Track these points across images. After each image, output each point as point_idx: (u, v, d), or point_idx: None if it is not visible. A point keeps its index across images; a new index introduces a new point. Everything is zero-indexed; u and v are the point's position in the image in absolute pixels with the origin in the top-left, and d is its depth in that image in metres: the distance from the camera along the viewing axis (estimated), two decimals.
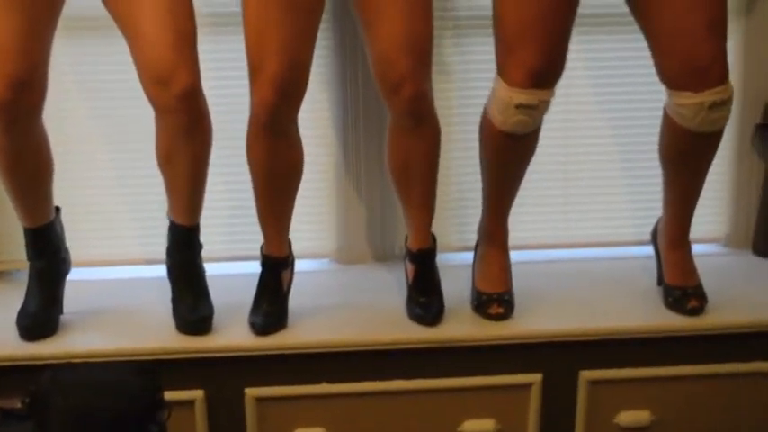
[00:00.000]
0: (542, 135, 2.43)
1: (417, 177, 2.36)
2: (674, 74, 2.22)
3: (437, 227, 2.49)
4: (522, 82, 2.21)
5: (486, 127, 2.34)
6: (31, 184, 2.31)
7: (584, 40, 2.60)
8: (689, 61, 2.17)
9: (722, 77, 2.19)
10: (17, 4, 2.11)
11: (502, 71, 2.26)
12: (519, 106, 2.22)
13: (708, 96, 2.17)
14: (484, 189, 2.45)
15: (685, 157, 2.33)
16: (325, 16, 2.47)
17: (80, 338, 2.33)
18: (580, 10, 2.27)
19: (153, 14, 2.15)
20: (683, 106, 2.21)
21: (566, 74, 2.47)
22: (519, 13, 2.20)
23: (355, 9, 2.27)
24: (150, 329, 2.37)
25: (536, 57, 2.19)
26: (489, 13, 2.27)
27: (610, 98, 2.70)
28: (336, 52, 2.61)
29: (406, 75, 2.20)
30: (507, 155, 2.36)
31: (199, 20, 2.25)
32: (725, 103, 2.20)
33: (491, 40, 2.29)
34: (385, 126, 2.37)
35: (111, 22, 2.22)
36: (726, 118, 2.25)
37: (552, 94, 2.27)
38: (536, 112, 2.25)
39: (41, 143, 2.28)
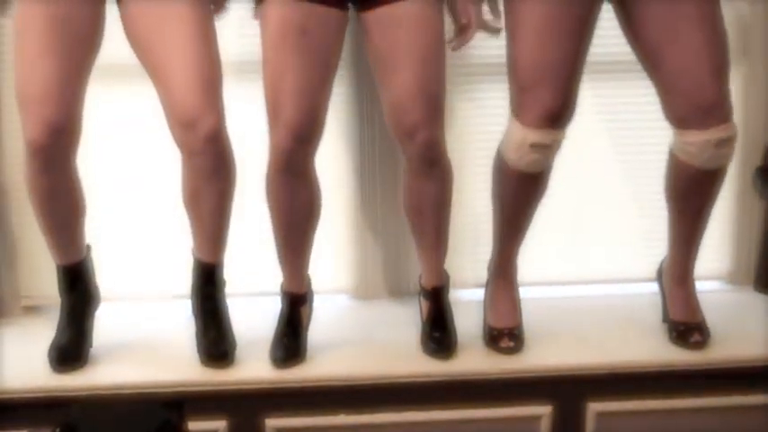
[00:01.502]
0: (553, 175, 2.49)
1: (430, 218, 2.40)
2: (681, 113, 2.27)
3: (452, 264, 2.55)
4: (537, 122, 2.26)
5: (501, 167, 2.39)
6: (64, 223, 2.35)
7: (596, 86, 2.66)
8: (695, 101, 2.23)
9: (726, 116, 2.25)
10: (54, 52, 2.16)
11: (517, 112, 2.30)
12: (533, 145, 2.28)
13: (714, 134, 2.23)
14: (495, 228, 2.50)
15: (691, 195, 2.38)
16: (342, 63, 2.50)
17: (109, 371, 2.37)
18: (593, 58, 2.34)
19: (180, 60, 2.20)
20: (690, 144, 2.26)
21: (578, 117, 2.55)
22: (534, 57, 2.25)
23: (370, 57, 2.32)
24: (176, 363, 2.40)
25: (551, 98, 2.25)
26: (500, 60, 2.33)
27: (620, 141, 2.75)
28: (354, 95, 2.66)
29: (419, 122, 2.24)
30: (520, 193, 2.40)
31: (227, 66, 2.31)
32: (730, 140, 2.26)
33: (501, 85, 2.35)
34: (401, 167, 2.41)
35: (135, 70, 2.29)
36: (730, 155, 2.30)
37: (564, 135, 2.32)
38: (549, 150, 2.30)
39: (75, 183, 2.32)
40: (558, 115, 2.27)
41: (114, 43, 2.29)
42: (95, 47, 2.26)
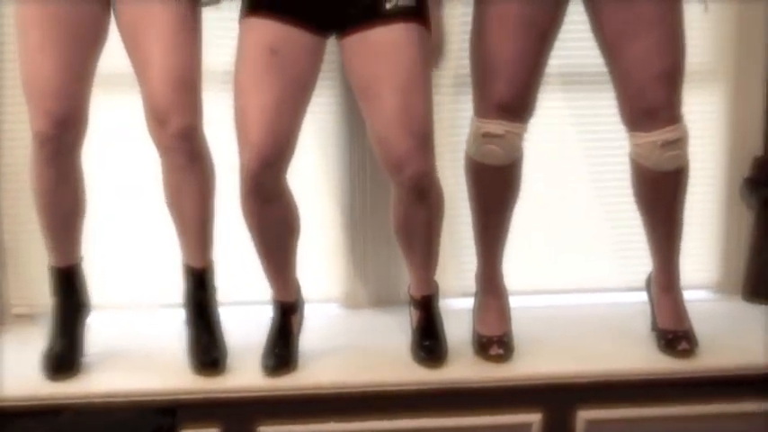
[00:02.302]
0: (540, 187, 2.52)
1: (419, 241, 2.41)
2: (629, 115, 2.33)
3: (438, 273, 2.55)
4: (489, 113, 2.32)
5: (467, 162, 2.44)
6: (65, 219, 2.38)
7: (575, 96, 2.72)
8: (640, 103, 2.28)
9: (672, 119, 2.29)
10: (56, 46, 2.21)
11: (474, 105, 2.37)
12: (486, 135, 2.32)
13: (658, 135, 2.28)
14: (475, 233, 2.52)
15: (654, 198, 2.41)
16: (331, 74, 2.57)
17: (102, 379, 2.38)
18: (568, 69, 2.37)
19: (159, 59, 2.25)
20: (638, 146, 2.33)
21: (559, 128, 2.58)
22: (489, 51, 2.30)
23: (351, 85, 2.31)
24: (168, 371, 2.41)
25: (503, 90, 2.29)
26: None
27: (603, 152, 2.77)
28: (343, 104, 2.69)
29: (407, 157, 2.21)
30: (488, 189, 2.43)
31: (217, 76, 2.36)
32: (677, 142, 2.30)
33: None
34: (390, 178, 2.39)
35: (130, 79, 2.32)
36: (681, 157, 2.33)
37: (522, 129, 2.35)
38: (504, 142, 2.33)
39: (78, 180, 2.36)
40: (509, 107, 2.31)
41: (113, 49, 2.32)
42: (100, 41, 2.30)
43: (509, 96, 2.30)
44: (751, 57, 2.74)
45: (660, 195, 2.40)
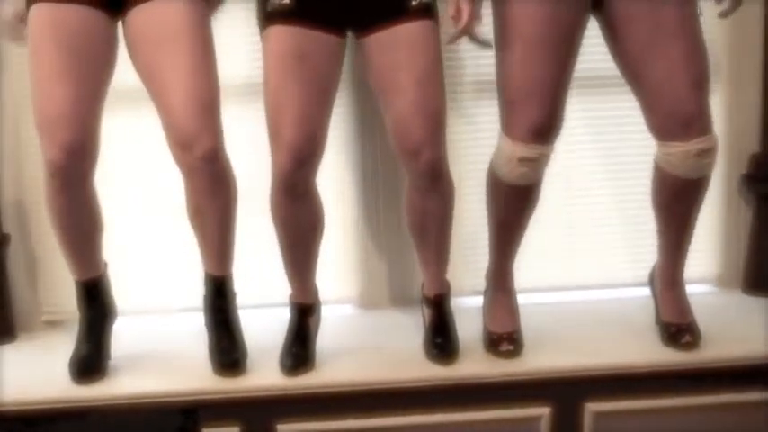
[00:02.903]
0: (547, 187, 2.55)
1: (433, 233, 2.46)
2: (662, 127, 2.33)
3: (449, 273, 2.60)
4: (525, 137, 2.33)
5: (492, 179, 2.46)
6: (82, 240, 2.41)
7: (584, 100, 2.75)
8: (674, 116, 2.29)
9: (706, 129, 2.30)
10: (67, 74, 2.21)
11: (506, 128, 2.37)
12: (522, 159, 2.34)
13: (693, 145, 2.29)
14: (490, 239, 2.56)
15: (676, 203, 2.43)
16: (343, 76, 2.53)
17: (126, 382, 2.43)
18: (581, 73, 2.39)
19: (178, 83, 2.25)
20: (671, 155, 2.33)
21: (568, 130, 2.61)
22: (522, 74, 2.31)
23: (371, 81, 2.37)
24: (190, 372, 2.46)
25: (538, 114, 2.31)
26: (490, 78, 2.41)
27: (609, 153, 2.83)
28: (356, 108, 2.74)
29: (423, 142, 2.29)
30: (512, 205, 2.46)
31: (232, 89, 2.39)
32: (710, 151, 2.32)
33: (491, 101, 2.43)
34: (402, 178, 2.46)
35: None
36: (711, 165, 2.36)
37: (552, 149, 2.38)
38: (537, 164, 2.37)
39: (93, 203, 2.37)
40: (545, 130, 2.33)
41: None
42: (109, 68, 2.31)
43: (541, 120, 2.31)
44: (747, 56, 2.79)
45: (682, 201, 2.42)
